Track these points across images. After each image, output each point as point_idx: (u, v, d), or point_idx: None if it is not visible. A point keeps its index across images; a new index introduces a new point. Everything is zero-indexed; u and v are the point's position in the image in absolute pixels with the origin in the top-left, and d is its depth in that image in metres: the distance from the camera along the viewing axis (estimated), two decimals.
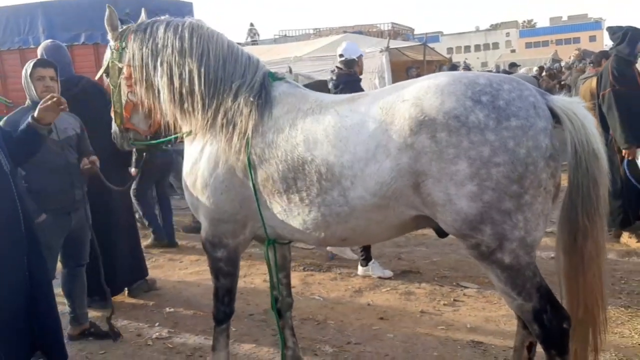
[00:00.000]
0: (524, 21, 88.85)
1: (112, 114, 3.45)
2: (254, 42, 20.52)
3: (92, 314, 4.66)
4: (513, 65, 17.82)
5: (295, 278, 5.48)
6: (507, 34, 70.29)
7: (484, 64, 46.30)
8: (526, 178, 2.41)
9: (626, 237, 5.82)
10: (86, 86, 4.84)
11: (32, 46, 10.88)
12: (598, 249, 2.61)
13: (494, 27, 78.92)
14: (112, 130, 3.53)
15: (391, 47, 13.82)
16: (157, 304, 5.01)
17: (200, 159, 3.12)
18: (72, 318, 4.33)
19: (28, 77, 3.91)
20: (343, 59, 5.78)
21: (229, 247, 3.19)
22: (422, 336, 4.10)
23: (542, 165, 2.42)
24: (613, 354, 3.65)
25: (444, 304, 4.66)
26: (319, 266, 5.80)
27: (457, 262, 5.27)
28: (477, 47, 68.08)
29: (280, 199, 2.89)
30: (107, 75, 3.41)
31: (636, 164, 5.50)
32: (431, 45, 18.59)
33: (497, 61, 39.07)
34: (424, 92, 2.56)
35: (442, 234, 2.84)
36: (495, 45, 67.32)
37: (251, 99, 2.98)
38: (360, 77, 5.75)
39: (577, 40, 59.17)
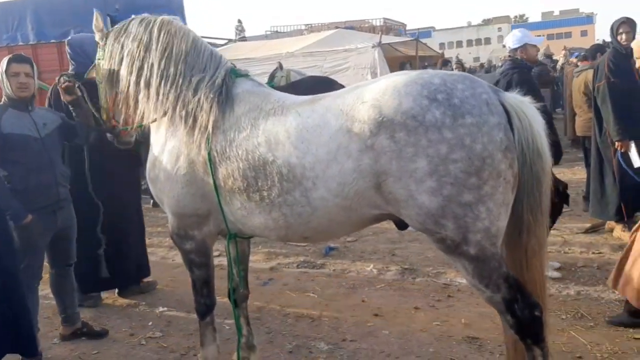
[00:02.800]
0: (516, 16, 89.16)
1: (101, 110, 3.55)
2: (242, 39, 20.41)
3: (85, 314, 4.62)
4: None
5: (290, 275, 5.47)
6: (499, 29, 70.34)
7: (476, 59, 46.33)
8: (484, 170, 2.47)
9: (619, 231, 5.83)
10: None
11: (20, 43, 10.83)
12: (540, 244, 2.76)
13: (486, 22, 79.00)
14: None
15: (383, 42, 13.82)
16: (150, 303, 4.97)
17: (163, 152, 3.17)
18: (63, 318, 4.28)
19: (3, 73, 3.86)
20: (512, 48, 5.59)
21: (196, 238, 3.24)
22: (417, 332, 4.08)
23: (499, 157, 2.49)
24: (608, 348, 3.65)
25: (439, 300, 4.64)
26: (312, 263, 5.77)
27: None
28: (470, 42, 68.15)
29: (240, 196, 2.93)
30: (96, 73, 3.49)
31: (629, 157, 5.49)
32: (423, 40, 18.64)
33: (489, 56, 39.09)
34: (382, 94, 2.61)
35: (401, 226, 2.89)
36: (487, 41, 67.38)
37: (211, 95, 3.03)
38: (532, 65, 5.38)
39: (568, 35, 59.33)
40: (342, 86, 5.86)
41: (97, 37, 3.43)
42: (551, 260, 5.13)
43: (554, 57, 20.01)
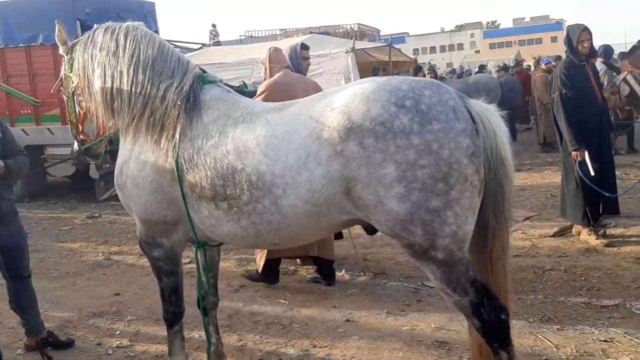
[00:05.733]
0: (488, 22, 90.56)
1: (69, 126, 3.50)
2: (217, 43, 20.25)
3: (50, 323, 4.52)
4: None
5: (261, 282, 5.41)
6: (472, 35, 71.49)
7: (449, 65, 46.90)
8: (451, 176, 2.51)
9: (585, 234, 5.94)
10: None
11: None
12: (504, 249, 2.82)
13: (459, 28, 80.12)
14: (72, 148, 3.60)
15: (357, 47, 13.84)
16: (118, 311, 4.88)
17: (130, 158, 3.13)
18: (27, 329, 4.17)
19: None
20: None
21: (164, 246, 3.20)
22: (387, 337, 4.09)
23: (465, 162, 2.53)
24: (574, 350, 3.70)
25: (409, 305, 4.66)
26: (284, 269, 5.73)
27: None
28: (443, 48, 69.05)
29: (208, 205, 2.90)
30: (63, 87, 3.44)
31: (586, 165, 5.62)
32: (397, 46, 18.69)
33: (462, 62, 39.61)
34: (351, 100, 2.62)
35: (371, 231, 2.90)
36: (460, 46, 68.37)
37: (179, 102, 3.00)
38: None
39: (539, 40, 60.51)
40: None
41: (61, 50, 3.36)
42: None
43: (525, 64, 20.34)
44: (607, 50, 10.12)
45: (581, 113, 5.69)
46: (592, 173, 5.57)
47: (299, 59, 5.61)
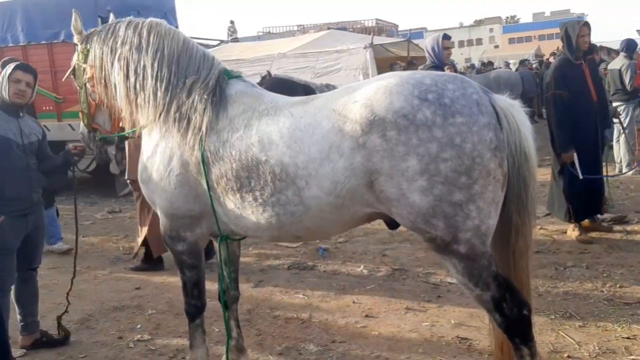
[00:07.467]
0: (508, 17, 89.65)
1: (80, 115, 3.53)
2: (234, 40, 20.34)
3: (72, 317, 4.59)
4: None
5: (280, 277, 5.45)
6: (491, 30, 70.81)
7: (468, 60, 46.51)
8: (474, 169, 2.50)
9: (570, 231, 5.98)
10: None
11: (10, 44, 10.77)
12: (527, 245, 2.81)
13: (478, 23, 79.43)
14: (80, 132, 3.60)
15: (375, 43, 13.83)
16: (139, 305, 4.94)
17: (156, 153, 3.16)
18: (22, 327, 4.16)
19: (6, 76, 3.89)
20: None
21: (188, 240, 3.23)
22: (407, 333, 4.09)
23: (488, 156, 2.52)
24: (596, 347, 3.66)
25: (429, 301, 4.65)
26: (303, 264, 5.75)
27: None
28: (461, 43, 68.44)
29: (233, 197, 2.93)
30: (75, 77, 3.48)
31: (575, 167, 5.60)
32: (415, 41, 18.57)
33: (480, 57, 39.26)
34: (374, 93, 2.63)
35: (392, 226, 2.90)
36: (479, 41, 67.77)
37: (205, 96, 3.03)
38: None
39: (559, 35, 59.56)
40: (309, 87, 6.03)
41: (76, 39, 3.38)
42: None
43: (544, 58, 20.09)
44: (630, 44, 9.93)
45: (575, 113, 5.63)
46: (580, 177, 5.56)
47: (441, 49, 5.80)
